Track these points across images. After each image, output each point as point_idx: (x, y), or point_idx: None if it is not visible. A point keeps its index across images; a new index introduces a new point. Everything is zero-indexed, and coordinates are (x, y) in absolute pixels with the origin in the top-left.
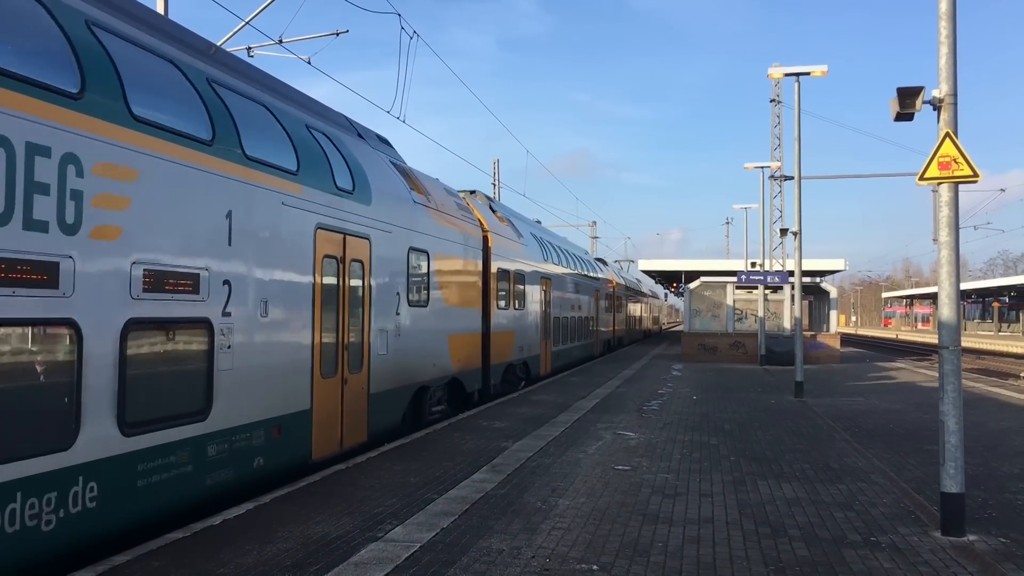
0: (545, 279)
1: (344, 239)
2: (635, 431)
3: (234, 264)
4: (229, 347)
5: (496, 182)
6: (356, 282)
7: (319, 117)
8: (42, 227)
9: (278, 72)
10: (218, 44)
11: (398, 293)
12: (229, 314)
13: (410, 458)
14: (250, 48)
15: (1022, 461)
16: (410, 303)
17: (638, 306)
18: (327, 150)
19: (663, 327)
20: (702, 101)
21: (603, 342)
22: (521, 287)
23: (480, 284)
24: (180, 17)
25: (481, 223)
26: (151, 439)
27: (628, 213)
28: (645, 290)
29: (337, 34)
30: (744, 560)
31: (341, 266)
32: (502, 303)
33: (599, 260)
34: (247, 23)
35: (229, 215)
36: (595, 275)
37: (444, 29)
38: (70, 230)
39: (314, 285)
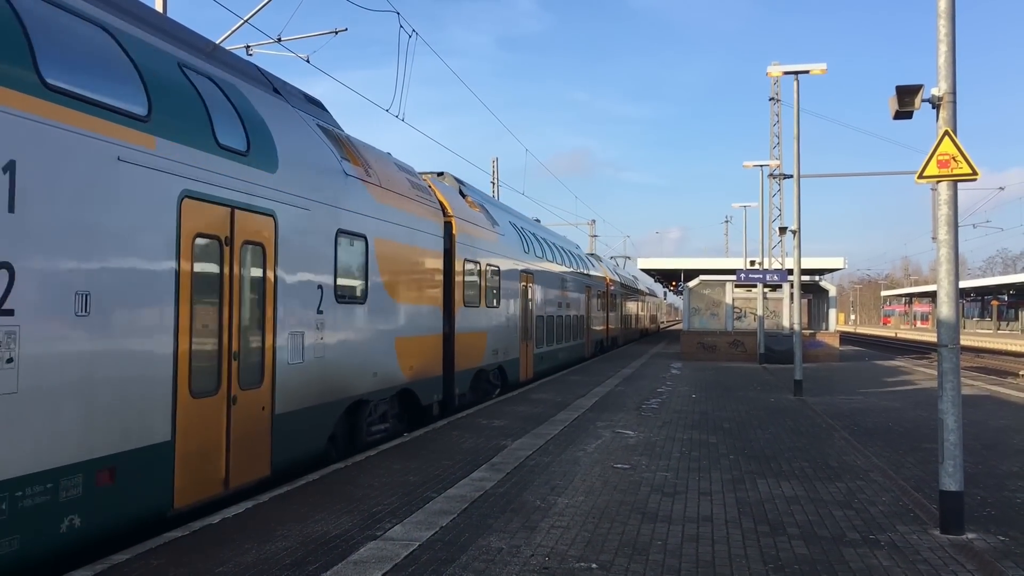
0: (526, 274)
1: (232, 214)
2: (634, 429)
3: (20, 241)
4: (9, 360)
5: (495, 181)
6: (254, 272)
7: (212, 61)
8: None
9: (277, 71)
10: (217, 43)
11: (321, 287)
12: (10, 312)
13: (409, 456)
14: (249, 46)
15: (1021, 459)
16: (340, 299)
17: (635, 304)
18: (208, 97)
19: (660, 326)
20: (701, 100)
21: (595, 342)
22: (496, 282)
23: (442, 278)
24: (180, 16)
25: (444, 207)
26: None
27: (627, 212)
28: (642, 288)
29: (336, 32)
30: (743, 558)
31: (227, 249)
32: (471, 300)
33: (592, 256)
34: (246, 21)
35: (10, 169)
36: (587, 271)
37: (443, 28)
38: None
39: (177, 273)
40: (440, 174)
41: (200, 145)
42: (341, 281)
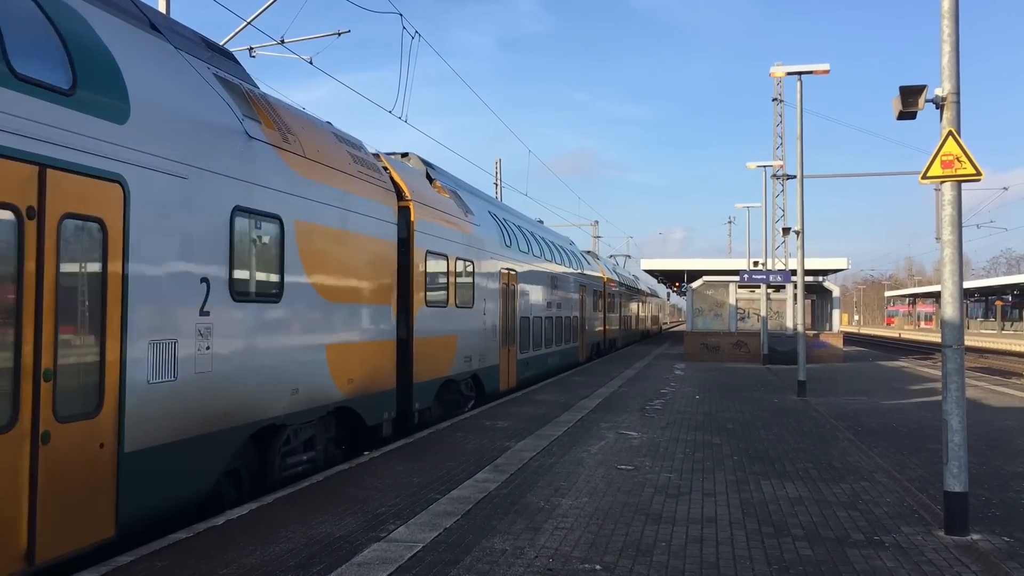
0: (509, 271)
1: (42, 175)
2: (638, 431)
3: None
4: None
5: (498, 182)
6: (87, 260)
7: None
8: None
9: (280, 72)
10: (220, 44)
11: (206, 280)
12: None
13: (413, 458)
14: (252, 48)
15: None
16: (238, 296)
17: (635, 305)
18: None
19: (663, 327)
20: (703, 100)
21: (591, 345)
22: (469, 279)
23: (395, 273)
24: (182, 17)
25: (400, 189)
26: None
27: (630, 212)
28: (643, 288)
29: (339, 34)
30: (747, 560)
31: (33, 226)
32: (436, 300)
33: (589, 254)
34: (249, 23)
35: None
36: (582, 270)
37: (445, 29)
38: None
39: None
40: (404, 155)
41: None
42: (239, 274)
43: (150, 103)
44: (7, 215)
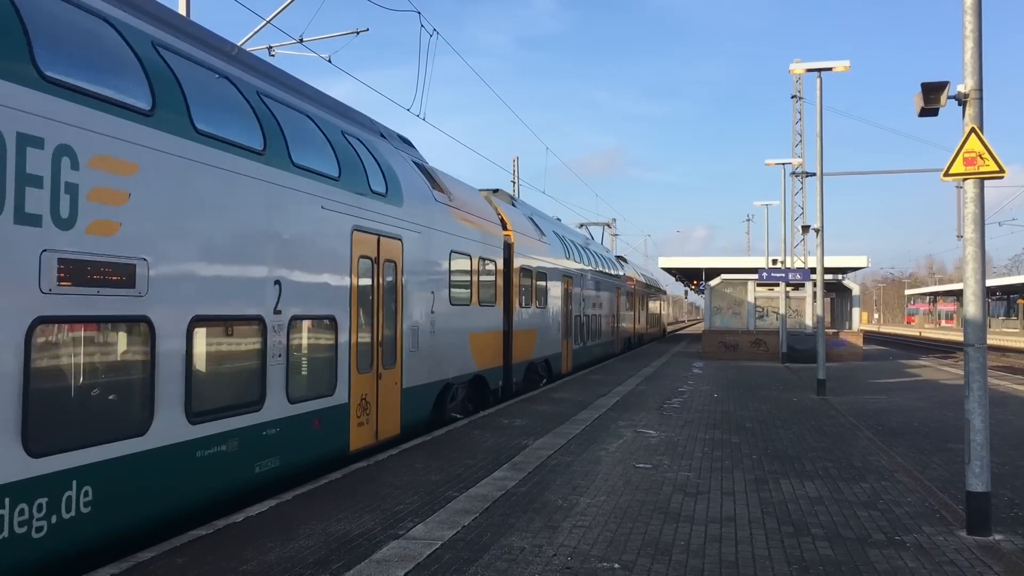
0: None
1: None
2: (656, 429)
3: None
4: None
5: (516, 180)
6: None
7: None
8: None
9: (299, 71)
10: (239, 44)
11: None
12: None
13: (431, 456)
14: (271, 47)
15: None
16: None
17: (657, 303)
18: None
19: (681, 326)
20: (722, 98)
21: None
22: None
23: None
24: (202, 17)
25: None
26: None
27: (648, 211)
28: (664, 287)
29: (357, 33)
30: (767, 559)
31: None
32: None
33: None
34: (268, 22)
35: None
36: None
37: (463, 27)
38: None
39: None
40: (496, 191)
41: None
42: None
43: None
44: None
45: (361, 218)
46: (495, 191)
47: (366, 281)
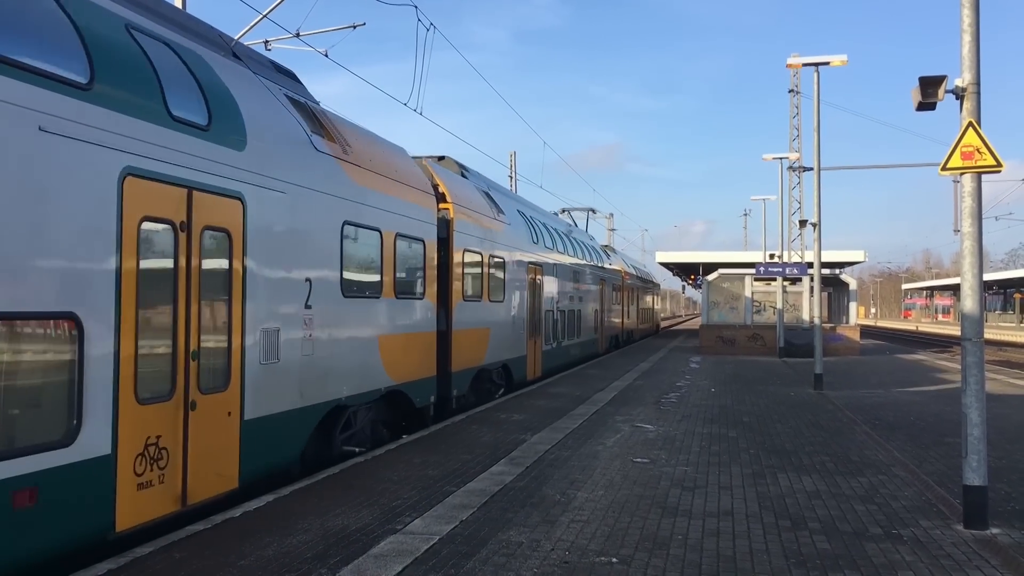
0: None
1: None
2: (653, 424)
3: None
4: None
5: (513, 175)
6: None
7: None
8: None
9: (296, 65)
10: (236, 38)
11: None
12: None
13: (429, 450)
14: (267, 41)
15: None
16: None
17: (650, 298)
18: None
19: (669, 322)
20: (720, 93)
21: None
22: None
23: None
24: (199, 12)
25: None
26: None
27: (646, 206)
28: (659, 281)
29: (354, 27)
30: (764, 553)
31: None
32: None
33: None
34: (264, 16)
35: None
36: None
37: (460, 22)
38: None
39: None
40: (441, 158)
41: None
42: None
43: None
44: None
45: (146, 157)
46: (440, 158)
47: (160, 260)
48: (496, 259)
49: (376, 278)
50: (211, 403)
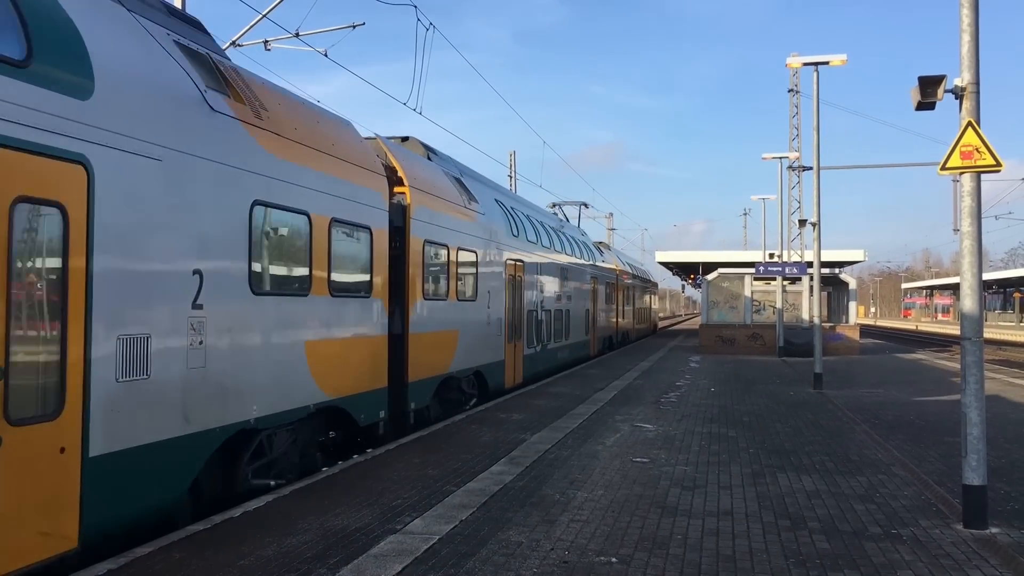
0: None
1: None
2: (653, 423)
3: None
4: None
5: (512, 174)
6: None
7: None
8: None
9: (295, 65)
10: (235, 38)
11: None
12: None
13: (429, 450)
14: (267, 41)
15: None
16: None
17: (647, 297)
18: None
19: (669, 321)
20: (719, 92)
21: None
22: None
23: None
24: (198, 11)
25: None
26: None
27: (647, 205)
28: (656, 280)
29: (354, 26)
30: (764, 553)
31: None
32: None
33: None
34: (264, 16)
35: None
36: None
37: (459, 22)
38: None
39: None
40: (405, 139)
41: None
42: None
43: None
44: None
45: None
46: (404, 139)
47: None
48: (467, 252)
49: (303, 272)
50: (28, 437)
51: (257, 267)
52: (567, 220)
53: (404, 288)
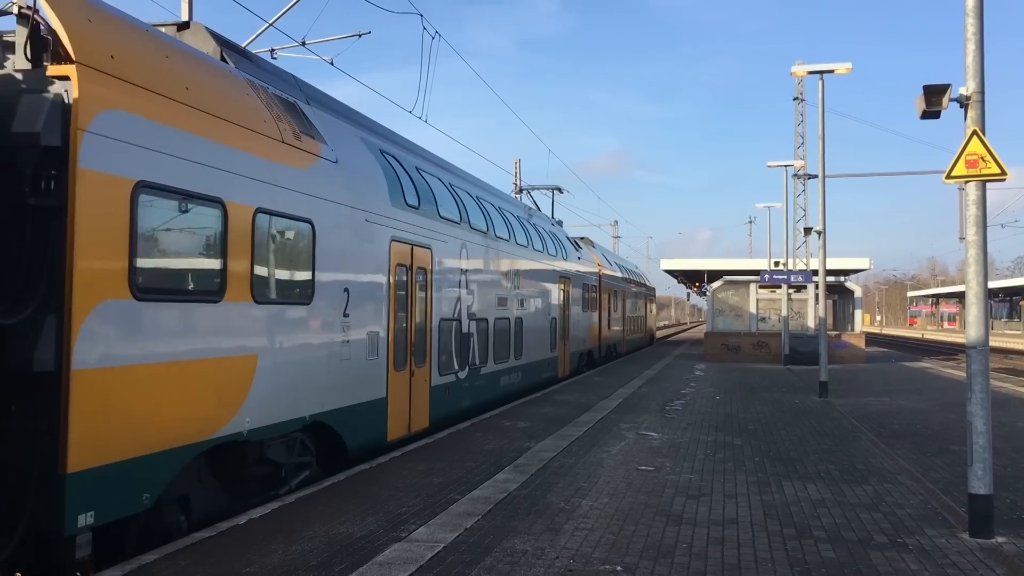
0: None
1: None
2: (658, 431)
3: None
4: None
5: (517, 182)
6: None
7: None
8: None
9: (301, 74)
10: (242, 46)
11: None
12: None
13: (433, 458)
14: (273, 50)
15: None
16: None
17: (643, 303)
18: None
19: (671, 330)
20: (723, 100)
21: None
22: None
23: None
24: (205, 20)
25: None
26: None
27: (652, 213)
28: (653, 284)
29: (360, 35)
30: (769, 562)
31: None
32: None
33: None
34: (270, 25)
35: None
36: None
37: (465, 30)
38: None
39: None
40: (185, 25)
41: None
42: None
43: None
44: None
45: None
46: (184, 25)
47: None
48: (285, 217)
49: None
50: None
51: None
52: (538, 208)
53: (64, 275)
